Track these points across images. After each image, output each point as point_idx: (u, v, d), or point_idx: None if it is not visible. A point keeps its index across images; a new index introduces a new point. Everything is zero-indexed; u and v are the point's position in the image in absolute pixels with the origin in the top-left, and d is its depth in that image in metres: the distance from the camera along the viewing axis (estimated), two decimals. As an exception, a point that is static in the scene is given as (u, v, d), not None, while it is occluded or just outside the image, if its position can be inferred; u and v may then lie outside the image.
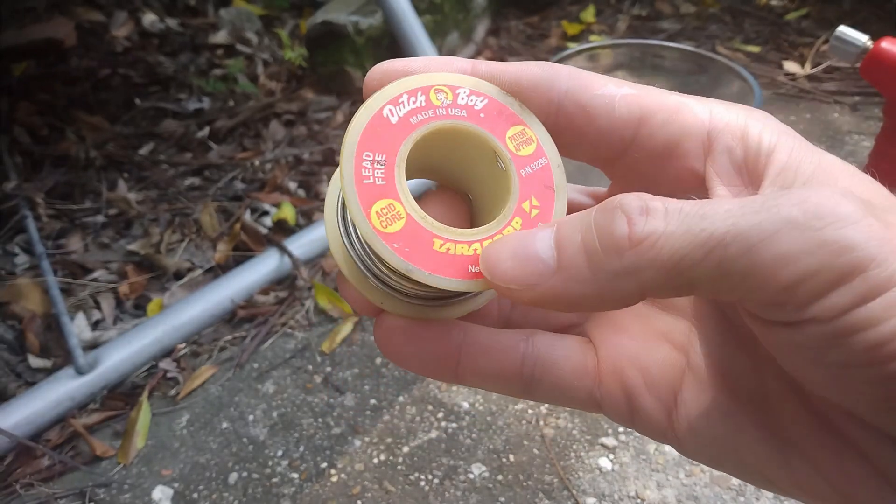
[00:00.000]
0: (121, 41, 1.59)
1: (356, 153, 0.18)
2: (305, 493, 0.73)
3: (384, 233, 0.17)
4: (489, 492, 0.72)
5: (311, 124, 1.35)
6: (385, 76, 0.19)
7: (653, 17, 1.69)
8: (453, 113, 0.19)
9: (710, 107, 0.19)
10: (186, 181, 1.21)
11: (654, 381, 0.19)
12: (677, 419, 0.19)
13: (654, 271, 0.15)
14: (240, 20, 1.67)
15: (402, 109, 0.19)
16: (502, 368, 0.19)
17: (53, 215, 1.12)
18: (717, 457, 0.18)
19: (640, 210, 0.15)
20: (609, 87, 0.19)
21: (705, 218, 0.14)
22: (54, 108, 1.33)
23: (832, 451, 0.16)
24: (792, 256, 0.13)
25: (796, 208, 0.14)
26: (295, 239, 1.01)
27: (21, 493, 0.74)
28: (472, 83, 0.19)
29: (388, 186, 0.18)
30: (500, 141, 0.19)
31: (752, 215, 0.14)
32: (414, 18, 1.15)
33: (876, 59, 0.74)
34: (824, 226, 0.13)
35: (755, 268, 0.14)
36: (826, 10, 1.60)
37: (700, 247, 0.14)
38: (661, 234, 0.15)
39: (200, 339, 0.92)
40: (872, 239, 0.13)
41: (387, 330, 0.19)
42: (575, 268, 0.16)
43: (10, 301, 0.95)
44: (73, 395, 0.81)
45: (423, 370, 0.19)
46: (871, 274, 0.13)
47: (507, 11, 1.77)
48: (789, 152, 0.17)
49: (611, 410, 0.20)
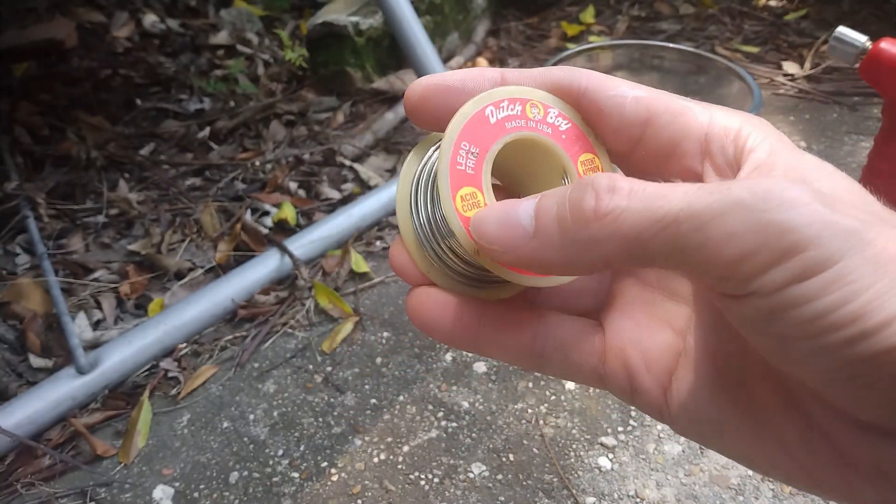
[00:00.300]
0: (122, 42, 1.60)
1: (457, 140, 0.20)
2: (306, 492, 0.73)
3: (463, 216, 0.20)
4: (489, 491, 0.72)
5: (312, 125, 1.35)
6: (426, 91, 0.22)
7: (652, 17, 1.69)
8: (541, 128, 0.21)
9: (711, 112, 0.20)
10: (187, 181, 1.21)
11: (653, 362, 0.21)
12: (671, 398, 0.20)
13: (616, 243, 0.16)
14: (240, 21, 1.67)
15: (502, 113, 0.21)
16: (516, 343, 0.22)
17: (54, 215, 1.12)
18: (703, 434, 0.20)
19: (607, 187, 0.17)
20: (622, 88, 0.21)
21: (664, 197, 0.16)
22: (55, 109, 1.34)
23: (800, 431, 0.17)
24: (737, 235, 0.15)
25: (746, 191, 0.15)
26: (295, 239, 1.02)
27: (22, 493, 0.74)
28: (561, 106, 0.22)
29: (476, 176, 0.20)
30: (573, 162, 0.22)
31: (706, 196, 0.15)
32: (414, 19, 1.15)
33: (875, 59, 0.74)
34: (770, 208, 0.15)
35: (705, 244, 0.15)
36: (825, 10, 1.60)
37: (657, 222, 0.16)
38: (624, 209, 0.16)
39: (201, 339, 0.92)
40: (815, 223, 0.14)
41: (419, 297, 0.22)
42: (548, 235, 0.18)
43: (12, 301, 0.95)
44: (74, 395, 0.81)
45: (445, 336, 0.22)
46: (809, 255, 0.14)
47: (507, 12, 1.77)
48: (769, 152, 0.18)
49: (613, 387, 0.22)
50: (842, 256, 0.14)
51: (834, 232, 0.15)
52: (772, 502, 0.69)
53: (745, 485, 0.70)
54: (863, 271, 0.14)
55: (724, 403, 0.19)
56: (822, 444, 0.17)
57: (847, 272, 0.14)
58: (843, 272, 0.14)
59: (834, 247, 0.14)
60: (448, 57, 1.54)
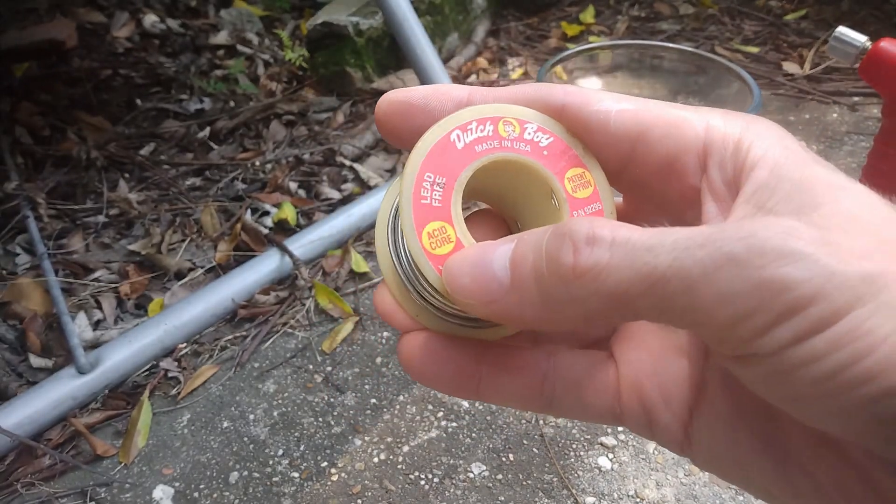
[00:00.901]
0: (122, 42, 1.60)
1: (419, 173, 0.18)
2: (306, 492, 0.73)
3: (432, 254, 0.18)
4: (489, 491, 0.72)
5: (312, 125, 1.35)
6: (390, 108, 0.20)
7: (652, 17, 1.69)
8: (518, 147, 0.19)
9: (707, 119, 0.18)
10: (187, 181, 1.21)
11: (671, 396, 0.19)
12: (691, 434, 0.19)
13: (598, 301, 0.15)
14: (240, 21, 1.67)
15: (470, 136, 0.19)
16: (523, 388, 0.20)
17: (55, 215, 1.12)
18: (724, 470, 0.18)
19: (586, 239, 0.15)
20: (605, 102, 0.19)
21: (650, 251, 0.14)
22: (56, 109, 1.34)
23: (832, 469, 0.16)
24: (730, 296, 0.13)
25: (740, 244, 0.13)
26: (295, 239, 1.02)
27: (22, 493, 0.74)
28: (540, 120, 0.20)
29: (444, 209, 0.18)
30: (559, 180, 0.19)
31: (695, 250, 0.14)
32: (414, 20, 1.15)
33: (875, 59, 0.74)
34: (765, 264, 0.13)
35: (695, 305, 0.14)
36: (825, 10, 1.60)
37: (642, 281, 0.14)
38: (605, 265, 0.15)
39: (201, 339, 0.92)
40: (817, 276, 0.13)
41: (411, 346, 0.20)
42: (526, 290, 0.16)
43: (12, 301, 0.95)
44: (75, 395, 0.81)
45: (445, 388, 0.20)
46: (813, 311, 0.13)
47: (507, 13, 1.77)
48: (771, 168, 0.16)
49: (631, 424, 0.20)
50: (852, 307, 0.13)
51: (840, 282, 0.13)
52: (771, 502, 0.69)
53: (745, 484, 0.70)
54: (877, 320, 0.13)
55: (749, 440, 0.17)
56: (861, 487, 0.15)
57: (859, 323, 0.13)
58: (854, 324, 0.13)
59: (842, 298, 0.13)
60: (448, 57, 1.55)
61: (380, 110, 0.20)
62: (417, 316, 0.20)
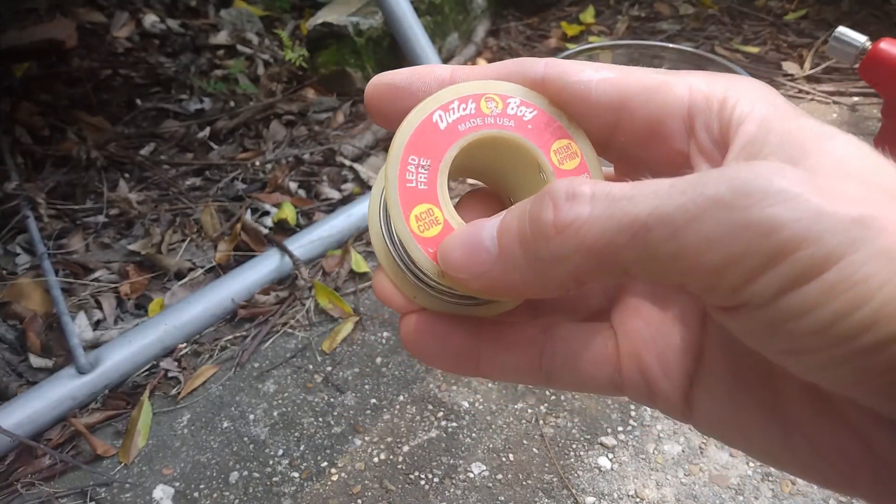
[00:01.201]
0: (122, 42, 1.60)
1: (402, 156, 0.18)
2: (306, 491, 0.73)
3: (420, 237, 0.18)
4: (489, 491, 0.72)
5: (312, 125, 1.35)
6: (376, 90, 0.20)
7: (652, 18, 1.69)
8: (501, 122, 0.19)
9: (689, 82, 0.18)
10: (187, 181, 1.21)
11: (670, 365, 0.19)
12: (692, 401, 0.19)
13: (582, 257, 0.15)
14: (240, 21, 1.67)
15: (452, 116, 0.19)
16: (522, 363, 0.20)
17: (55, 215, 1.12)
18: (728, 437, 0.18)
19: (566, 195, 0.15)
20: (586, 72, 0.19)
21: (630, 200, 0.14)
22: (56, 109, 1.34)
23: (831, 432, 0.16)
24: (716, 239, 0.13)
25: (724, 185, 0.13)
26: (295, 239, 1.02)
27: (22, 493, 0.74)
28: (523, 94, 0.19)
29: (430, 192, 0.18)
30: (545, 153, 0.19)
31: (678, 196, 0.13)
32: (414, 19, 1.15)
33: (874, 59, 0.74)
34: (751, 204, 0.13)
35: (681, 252, 0.13)
36: (825, 10, 1.60)
37: (623, 231, 0.14)
38: (586, 219, 0.14)
39: (201, 339, 0.92)
40: (804, 217, 0.12)
41: (411, 327, 0.20)
42: (512, 256, 0.16)
43: (12, 301, 0.95)
44: (75, 395, 0.81)
45: (445, 366, 0.20)
46: (802, 255, 0.12)
47: (507, 12, 1.77)
48: (760, 122, 0.16)
49: (632, 394, 0.20)
50: (844, 252, 0.12)
51: (832, 224, 0.12)
52: (771, 502, 0.69)
53: (745, 484, 0.70)
54: (872, 267, 0.12)
55: (748, 405, 0.17)
56: (859, 446, 0.15)
57: (852, 271, 0.12)
58: (847, 271, 0.12)
59: (833, 242, 0.12)
60: (448, 57, 1.55)
61: (368, 94, 0.20)
62: (415, 297, 0.20)
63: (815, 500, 0.68)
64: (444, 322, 0.20)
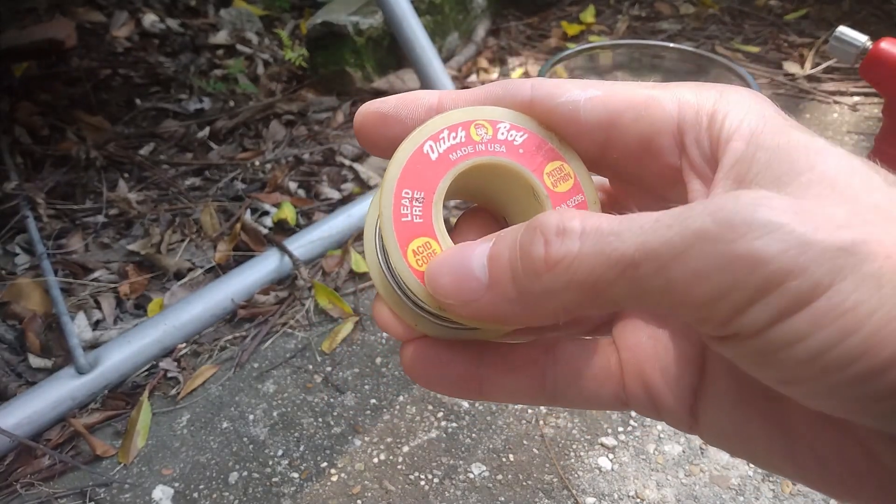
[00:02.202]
0: (121, 42, 1.60)
1: (395, 190, 0.18)
2: (306, 492, 0.73)
3: (419, 271, 0.18)
4: (489, 491, 0.72)
5: (312, 125, 1.35)
6: (364, 119, 0.20)
7: (652, 17, 1.69)
8: (492, 149, 0.19)
9: (678, 95, 0.18)
10: (187, 181, 1.21)
11: (674, 379, 0.19)
12: (697, 414, 0.19)
13: (573, 293, 0.15)
14: (240, 21, 1.67)
15: (443, 145, 0.19)
16: (525, 385, 0.20)
17: (54, 215, 1.12)
18: (732, 446, 0.19)
19: (556, 231, 0.15)
20: (573, 91, 0.19)
21: (618, 236, 0.14)
22: (55, 109, 1.34)
23: (835, 443, 0.16)
24: (704, 273, 0.13)
25: (710, 219, 0.13)
26: (295, 239, 1.02)
27: (21, 493, 0.74)
28: (512, 118, 0.19)
29: (426, 224, 0.18)
30: (538, 177, 0.19)
31: (664, 230, 0.13)
32: (414, 19, 1.15)
33: (875, 59, 0.74)
34: (737, 238, 0.13)
35: (669, 286, 0.13)
36: (825, 10, 1.60)
37: (613, 267, 0.14)
38: (576, 256, 0.14)
39: (201, 339, 0.92)
40: (791, 248, 0.12)
41: (413, 355, 0.20)
42: (503, 287, 0.16)
43: (11, 301, 0.95)
44: (74, 395, 0.81)
45: (449, 392, 0.20)
46: (791, 286, 0.12)
47: (507, 12, 1.77)
48: (748, 139, 0.16)
49: (637, 409, 0.20)
50: (832, 281, 0.12)
51: (818, 253, 0.12)
52: (772, 502, 0.69)
53: (746, 485, 0.70)
54: (860, 295, 0.12)
55: (753, 417, 0.17)
56: (863, 458, 0.15)
57: (841, 299, 0.12)
58: (835, 300, 0.12)
59: (820, 271, 0.12)
60: (448, 56, 1.54)
61: (357, 123, 0.20)
62: (416, 325, 0.20)
63: (815, 500, 0.68)
64: (444, 348, 0.20)
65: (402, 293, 0.19)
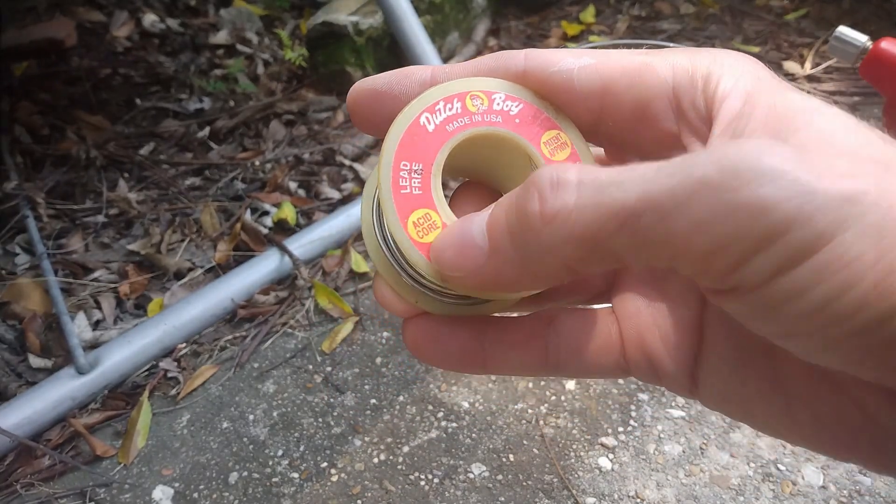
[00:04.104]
0: (121, 41, 1.59)
1: (393, 163, 0.18)
2: (306, 492, 0.73)
3: (421, 243, 0.18)
4: (489, 491, 0.72)
5: (312, 124, 1.35)
6: (358, 96, 0.20)
7: (652, 17, 1.69)
8: (489, 119, 0.19)
9: (672, 61, 0.18)
10: (187, 181, 1.21)
11: (674, 345, 0.19)
12: (697, 378, 0.19)
13: (572, 247, 0.14)
14: (240, 20, 1.67)
15: (439, 117, 0.19)
16: (528, 358, 0.20)
17: (54, 215, 1.12)
18: (731, 409, 0.18)
19: (551, 184, 0.14)
20: (567, 60, 0.19)
21: (619, 186, 0.14)
22: (55, 108, 1.33)
23: (831, 401, 0.16)
24: (706, 223, 0.12)
25: (713, 167, 0.13)
26: (295, 239, 1.02)
27: (21, 493, 0.74)
28: (507, 88, 0.19)
29: (425, 196, 0.18)
30: (535, 146, 0.19)
31: (665, 179, 0.13)
32: (414, 19, 1.15)
33: (875, 58, 0.74)
34: (741, 185, 0.12)
35: (671, 237, 0.13)
36: (825, 9, 1.60)
37: (613, 217, 0.13)
38: (573, 207, 0.14)
39: (201, 339, 0.92)
40: (796, 196, 0.12)
41: (415, 331, 0.20)
42: (503, 250, 0.16)
43: (11, 301, 0.95)
44: (74, 395, 0.81)
45: (452, 367, 0.20)
46: (795, 236, 0.12)
47: (508, 12, 1.77)
48: (744, 97, 0.16)
49: (638, 375, 0.20)
50: (835, 231, 0.12)
51: (822, 202, 0.12)
52: (772, 502, 0.69)
53: (746, 485, 0.70)
54: (864, 245, 0.12)
55: (751, 379, 0.17)
56: (858, 414, 0.15)
57: (843, 250, 0.12)
58: (838, 251, 0.12)
59: (825, 221, 0.12)
60: (448, 56, 1.54)
61: (350, 101, 0.20)
62: (417, 302, 0.20)
63: (815, 500, 0.68)
64: (446, 324, 0.20)
65: (402, 269, 0.19)
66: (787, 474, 0.71)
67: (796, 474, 0.70)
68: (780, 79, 0.17)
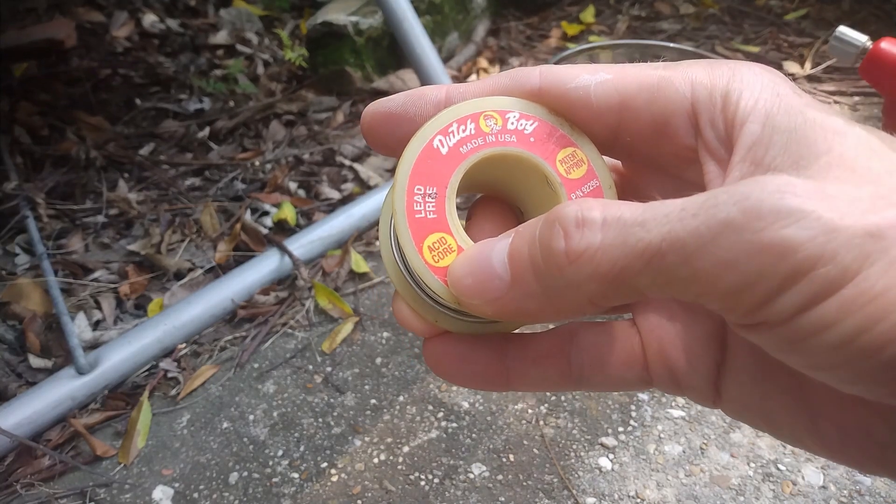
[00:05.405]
0: (121, 42, 1.59)
1: (408, 187, 0.18)
2: (306, 492, 0.73)
3: (436, 267, 0.18)
4: (489, 491, 0.72)
5: (312, 125, 1.35)
6: (372, 119, 0.20)
7: (652, 17, 1.69)
8: (503, 139, 0.19)
9: (691, 76, 0.18)
10: (187, 181, 1.21)
11: (697, 358, 0.19)
12: (720, 390, 0.19)
13: (597, 284, 0.15)
14: (240, 21, 1.67)
15: (452, 139, 0.19)
16: (552, 373, 0.20)
17: (54, 215, 1.12)
18: (754, 421, 0.19)
19: (576, 222, 0.15)
20: (583, 76, 0.19)
21: (643, 226, 0.14)
22: (55, 109, 1.33)
23: (857, 416, 0.16)
24: (731, 263, 0.13)
25: (735, 208, 0.13)
26: (295, 239, 1.02)
27: (21, 493, 0.74)
28: (521, 107, 0.19)
29: (440, 220, 0.18)
30: (551, 164, 0.19)
31: (689, 220, 0.13)
32: (414, 19, 1.15)
33: (875, 59, 0.74)
34: (765, 227, 0.12)
35: (696, 276, 0.13)
36: (825, 10, 1.60)
37: (638, 258, 0.14)
38: (598, 247, 0.14)
39: (201, 339, 0.92)
40: (819, 235, 0.12)
41: (436, 351, 0.20)
42: (526, 283, 0.16)
43: (11, 301, 0.95)
44: (74, 395, 0.81)
45: (475, 385, 0.20)
46: (819, 274, 0.12)
47: (507, 12, 1.77)
48: (763, 120, 0.16)
49: (661, 387, 0.20)
50: (860, 267, 0.12)
51: (846, 239, 0.12)
52: (772, 502, 0.69)
53: (746, 485, 0.70)
54: (888, 279, 0.12)
55: (774, 392, 0.17)
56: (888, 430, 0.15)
57: (869, 285, 0.12)
58: (864, 286, 0.12)
59: (849, 257, 0.12)
60: (448, 56, 1.54)
61: (364, 124, 0.20)
62: (437, 321, 0.20)
63: (815, 500, 0.68)
64: (467, 343, 0.20)
65: (420, 290, 0.19)
66: (788, 474, 0.71)
67: (796, 474, 0.70)
68: (800, 92, 0.16)
